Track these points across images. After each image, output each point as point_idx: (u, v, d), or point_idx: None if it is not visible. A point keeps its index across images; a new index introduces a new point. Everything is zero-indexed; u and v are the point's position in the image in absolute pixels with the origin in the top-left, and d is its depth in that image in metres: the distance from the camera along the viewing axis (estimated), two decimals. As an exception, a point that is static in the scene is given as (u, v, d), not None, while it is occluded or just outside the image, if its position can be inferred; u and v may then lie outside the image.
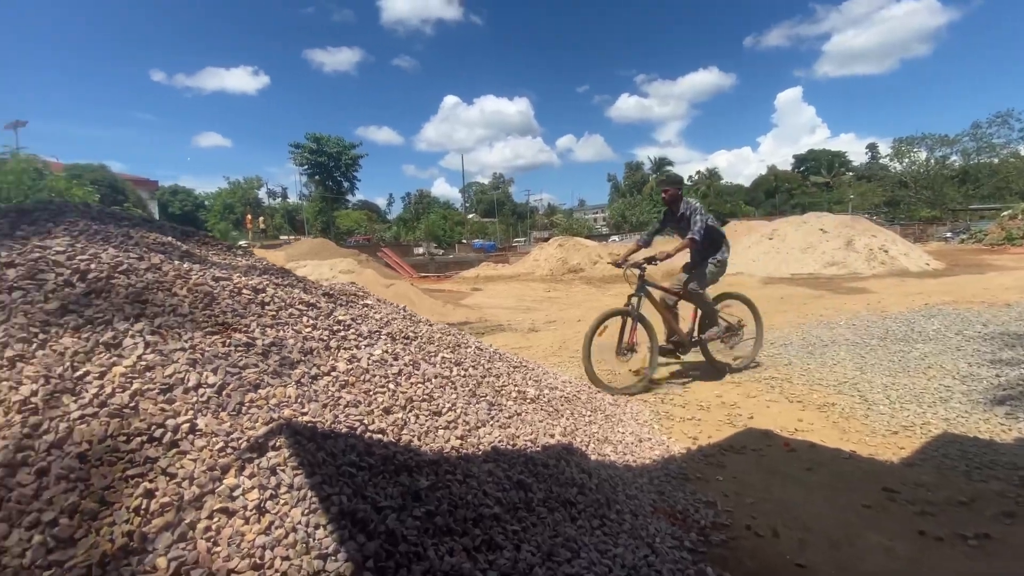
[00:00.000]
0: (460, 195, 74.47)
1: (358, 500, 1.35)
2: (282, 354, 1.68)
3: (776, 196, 63.73)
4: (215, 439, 1.28)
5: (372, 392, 1.85)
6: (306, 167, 54.47)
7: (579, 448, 2.24)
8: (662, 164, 65.99)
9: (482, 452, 1.92)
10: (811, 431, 3.19)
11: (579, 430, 2.48)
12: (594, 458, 2.26)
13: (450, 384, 2.27)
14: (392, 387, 1.95)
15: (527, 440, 2.12)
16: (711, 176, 69.09)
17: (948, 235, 30.68)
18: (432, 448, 1.77)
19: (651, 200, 54.94)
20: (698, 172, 71.53)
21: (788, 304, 8.39)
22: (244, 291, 1.88)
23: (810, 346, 5.24)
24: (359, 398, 1.76)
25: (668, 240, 5.15)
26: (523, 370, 3.05)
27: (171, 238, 2.05)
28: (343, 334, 2.06)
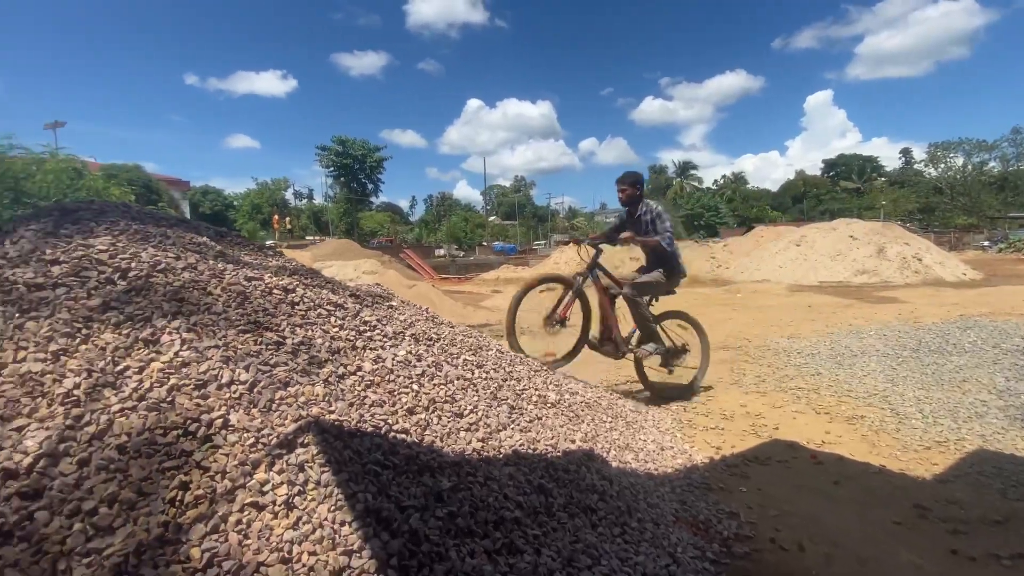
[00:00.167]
0: (481, 198, 74.86)
1: (382, 499, 1.38)
2: (311, 353, 1.72)
3: (804, 201, 62.35)
4: (246, 435, 1.32)
5: (396, 392, 1.88)
6: (332, 169, 55.44)
7: (600, 454, 2.23)
8: (686, 168, 65.23)
9: (503, 455, 1.93)
10: (839, 444, 3.11)
11: (600, 436, 2.47)
12: (615, 465, 2.25)
13: (472, 386, 2.29)
14: (415, 388, 1.98)
15: (548, 445, 2.12)
16: (737, 180, 68.03)
17: (985, 244, 29.61)
18: (454, 449, 1.79)
19: (674, 204, 54.32)
20: (723, 176, 70.51)
21: (816, 313, 8.20)
22: (275, 291, 1.93)
23: (839, 356, 5.11)
24: (384, 398, 1.78)
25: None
26: (543, 374, 3.04)
27: (206, 238, 2.12)
28: (369, 335, 2.09)
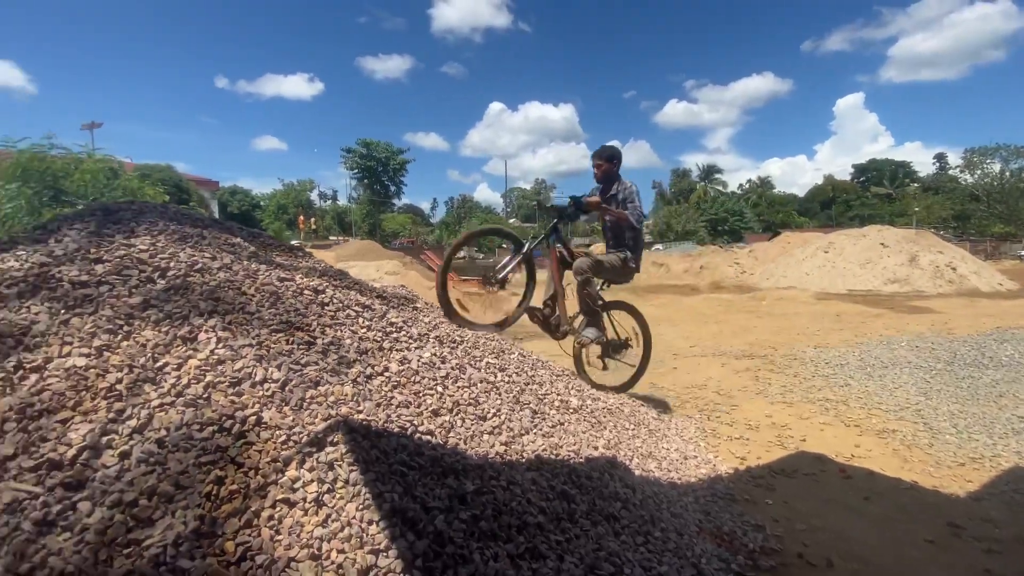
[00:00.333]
0: (501, 200, 75.02)
1: (408, 499, 1.39)
2: (340, 353, 1.75)
3: (833, 207, 60.91)
4: (278, 432, 1.35)
5: (421, 394, 1.90)
6: (356, 171, 56.35)
7: (623, 462, 2.21)
8: (710, 171, 64.21)
9: (526, 460, 1.93)
10: (869, 458, 3.03)
11: (623, 444, 2.45)
12: (638, 473, 2.23)
13: (495, 390, 2.30)
14: (440, 390, 1.99)
15: (570, 451, 2.12)
16: (762, 184, 66.75)
17: (1023, 253, 28.46)
18: (477, 452, 1.80)
19: (698, 208, 53.57)
20: (749, 180, 69.23)
21: (844, 322, 7.99)
22: (306, 291, 1.98)
23: (868, 367, 4.97)
24: (410, 399, 1.81)
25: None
26: (565, 379, 3.04)
27: (240, 239, 2.18)
28: (395, 336, 2.12)
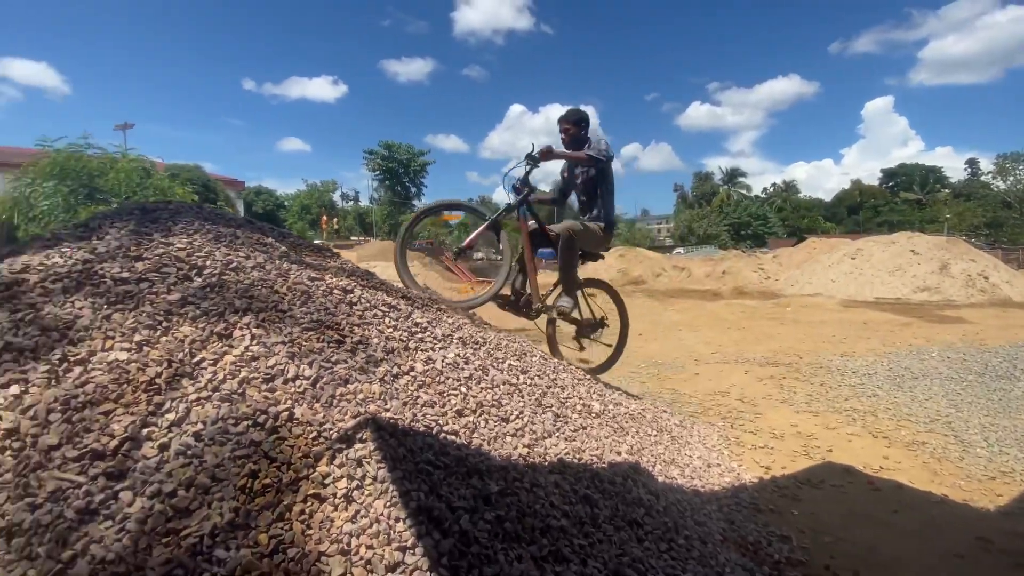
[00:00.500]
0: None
1: (434, 498, 1.40)
2: (368, 352, 1.78)
3: (860, 212, 59.50)
4: (309, 428, 1.38)
5: (446, 394, 1.91)
6: (377, 172, 56.98)
7: (646, 468, 2.20)
8: (734, 175, 63.16)
9: (548, 463, 1.93)
10: (898, 470, 2.96)
11: (645, 450, 2.43)
12: (661, 480, 2.21)
13: (517, 392, 2.30)
14: (464, 390, 2.01)
15: (593, 455, 2.11)
16: (787, 189, 65.50)
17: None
18: (501, 454, 1.81)
19: (720, 212, 52.84)
20: (773, 184, 68.01)
21: (872, 331, 7.80)
22: (335, 291, 2.01)
23: (898, 378, 4.84)
24: (434, 399, 1.82)
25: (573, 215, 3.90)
26: (587, 383, 3.03)
27: (271, 239, 2.23)
28: (420, 336, 2.14)
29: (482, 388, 2.12)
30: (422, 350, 2.07)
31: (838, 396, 4.33)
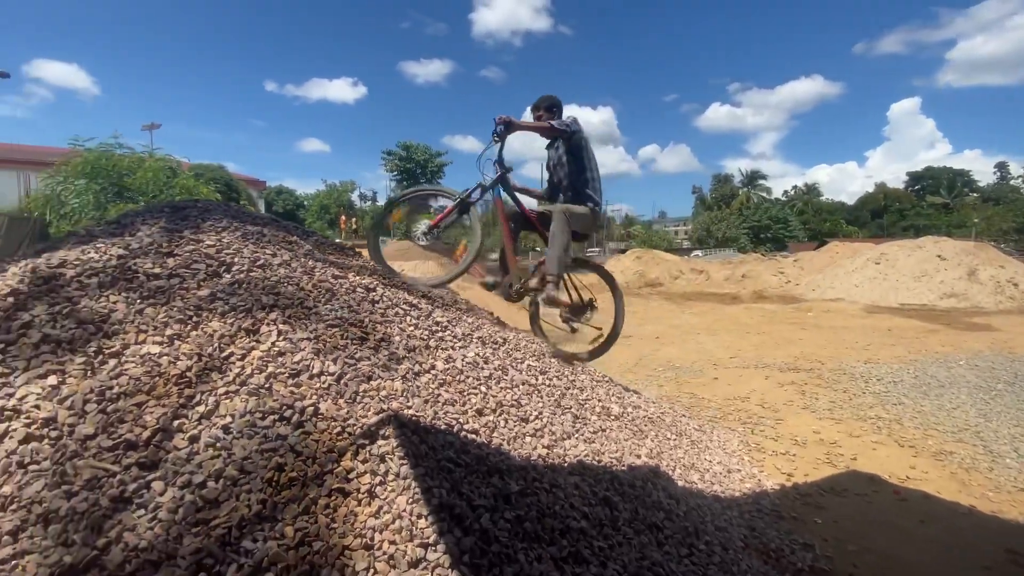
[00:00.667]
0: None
1: (455, 496, 1.41)
2: (390, 350, 1.80)
3: (884, 216, 58.15)
4: (334, 423, 1.39)
5: (466, 393, 1.92)
6: (395, 173, 57.39)
7: (666, 472, 2.18)
8: (754, 177, 62.13)
9: (568, 464, 1.93)
10: (925, 480, 2.89)
11: (664, 453, 2.41)
12: (681, 484, 2.19)
13: (536, 392, 2.30)
14: (484, 390, 2.01)
15: (612, 457, 2.10)
16: (809, 192, 64.20)
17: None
18: (521, 454, 1.81)
19: (740, 215, 52.09)
20: (794, 187, 66.66)
21: (897, 337, 7.62)
22: (358, 289, 2.04)
23: (924, 386, 4.73)
24: (455, 397, 1.83)
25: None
26: (605, 385, 3.01)
27: (296, 237, 2.27)
28: (441, 335, 2.16)
29: (502, 388, 2.12)
30: (443, 349, 2.08)
31: (862, 403, 4.24)
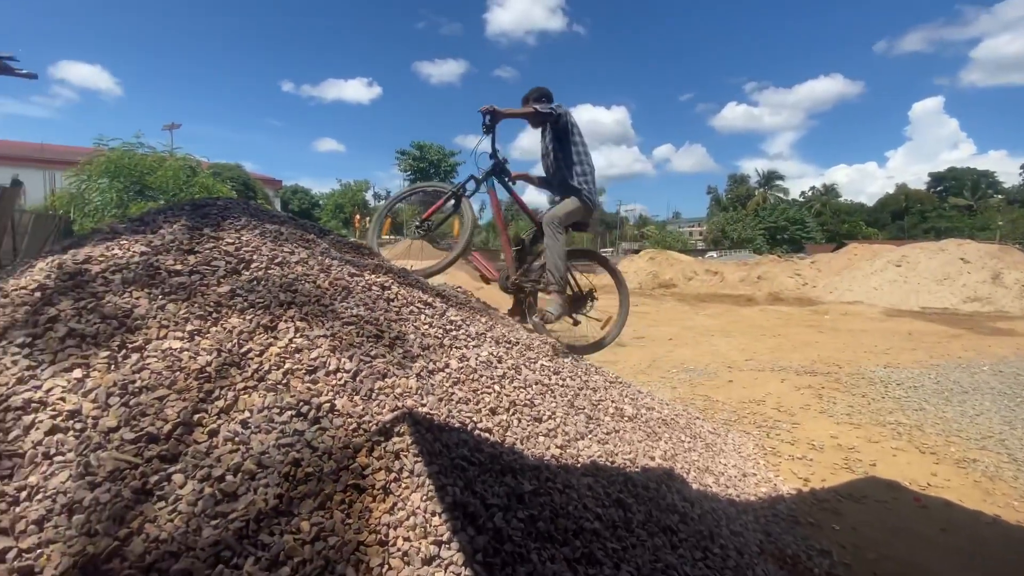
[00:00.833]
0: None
1: (469, 494, 1.41)
2: (405, 347, 1.81)
3: (905, 218, 57.01)
4: (349, 420, 1.41)
5: (480, 391, 1.92)
6: (409, 172, 57.69)
7: (680, 475, 2.16)
8: (771, 178, 61.24)
9: (581, 465, 1.92)
10: (947, 488, 2.82)
11: (679, 456, 2.39)
12: (695, 487, 2.17)
13: (549, 392, 2.30)
14: (497, 389, 2.02)
15: (626, 459, 2.09)
16: (827, 192, 63.13)
17: None
18: (534, 453, 1.80)
19: (756, 215, 51.46)
20: (812, 188, 65.59)
21: (918, 342, 7.46)
22: (374, 287, 2.06)
23: (946, 392, 4.63)
24: (469, 396, 1.84)
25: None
26: (619, 386, 3.00)
27: (313, 235, 2.29)
28: (455, 333, 2.16)
29: (515, 387, 2.12)
30: (456, 347, 2.08)
31: (881, 408, 4.16)
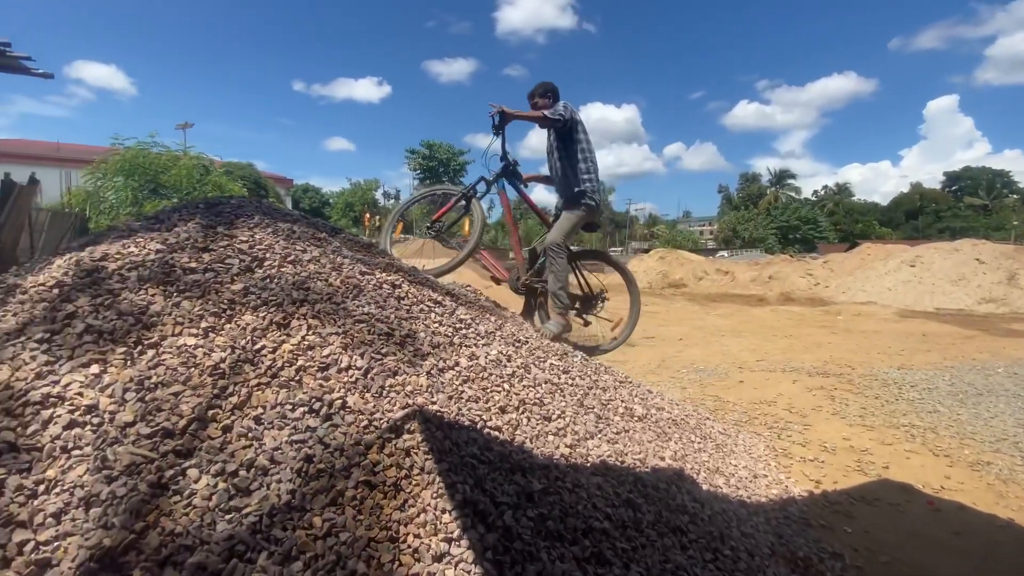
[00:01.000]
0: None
1: (478, 492, 1.42)
2: (415, 345, 1.82)
3: (920, 218, 56.22)
4: (361, 417, 1.42)
5: (489, 390, 1.93)
6: (418, 171, 57.83)
7: (690, 475, 2.15)
8: (783, 176, 60.53)
9: (590, 464, 1.92)
10: (960, 491, 2.79)
11: (689, 457, 2.38)
12: (705, 488, 2.16)
13: (559, 391, 2.30)
14: (507, 387, 2.02)
15: (635, 459, 2.08)
16: (840, 191, 62.34)
17: None
18: (543, 452, 1.81)
19: (768, 215, 50.97)
20: (824, 187, 64.83)
21: (932, 343, 7.36)
22: (384, 285, 2.07)
23: (960, 394, 4.56)
24: (478, 394, 1.84)
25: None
26: (628, 386, 2.99)
27: (324, 234, 2.31)
28: (464, 332, 2.17)
29: (524, 386, 2.13)
30: (466, 346, 2.09)
31: (895, 410, 4.11)
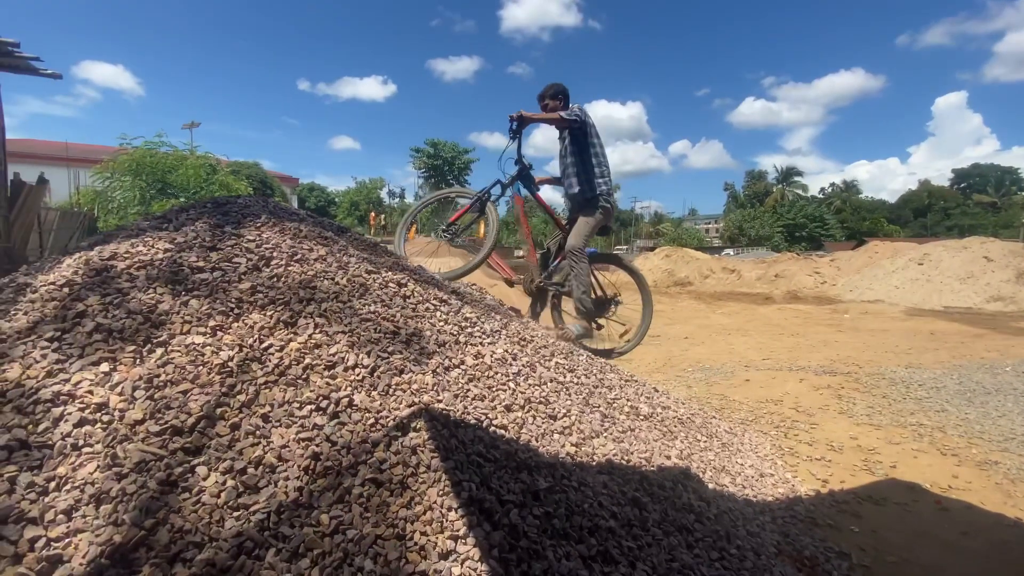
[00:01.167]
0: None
1: (484, 490, 1.42)
2: (421, 344, 1.82)
3: (928, 215, 55.76)
4: (367, 415, 1.42)
5: (495, 388, 1.93)
6: (423, 170, 57.89)
7: (696, 474, 2.15)
8: (789, 174, 60.15)
9: (596, 463, 1.92)
10: (968, 491, 2.77)
11: (695, 455, 2.38)
12: (711, 487, 2.16)
13: (564, 390, 2.30)
14: (512, 386, 2.02)
15: (641, 458, 2.08)
16: (847, 189, 61.92)
17: None
18: (549, 451, 1.81)
19: (774, 212, 50.68)
20: (832, 184, 64.43)
21: (940, 342, 7.30)
22: (390, 284, 2.08)
23: (968, 393, 4.53)
24: (484, 393, 1.85)
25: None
26: (634, 385, 2.98)
27: (331, 233, 2.32)
28: (470, 330, 2.17)
29: (530, 384, 2.13)
30: (472, 344, 2.10)
31: (903, 409, 4.09)
